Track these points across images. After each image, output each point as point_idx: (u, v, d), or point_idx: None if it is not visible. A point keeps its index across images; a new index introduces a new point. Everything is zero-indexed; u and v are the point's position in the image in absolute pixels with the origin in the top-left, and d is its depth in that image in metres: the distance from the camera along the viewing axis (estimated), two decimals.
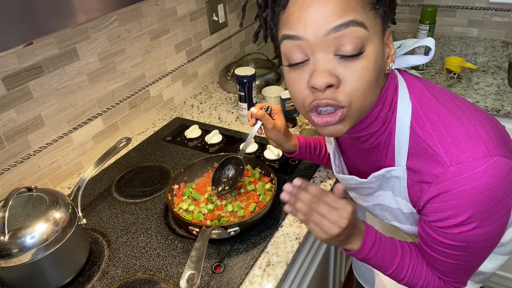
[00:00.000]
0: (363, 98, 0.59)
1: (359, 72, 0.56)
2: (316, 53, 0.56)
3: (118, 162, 1.19)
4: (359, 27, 0.55)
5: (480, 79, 1.50)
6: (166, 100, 1.45)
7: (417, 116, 0.64)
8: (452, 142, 0.60)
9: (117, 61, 1.21)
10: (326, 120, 0.60)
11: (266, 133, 0.92)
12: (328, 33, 0.55)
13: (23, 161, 1.02)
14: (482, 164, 0.58)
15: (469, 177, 0.58)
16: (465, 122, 0.62)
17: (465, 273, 0.71)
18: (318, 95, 0.58)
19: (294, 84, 0.61)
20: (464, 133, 0.61)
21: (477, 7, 1.80)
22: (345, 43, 0.55)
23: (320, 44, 0.55)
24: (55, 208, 0.79)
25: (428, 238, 0.68)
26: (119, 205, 1.03)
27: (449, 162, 0.60)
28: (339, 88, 0.57)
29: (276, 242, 0.89)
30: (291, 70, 0.60)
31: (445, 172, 0.60)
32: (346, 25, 0.54)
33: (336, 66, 0.56)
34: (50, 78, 1.03)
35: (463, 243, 0.63)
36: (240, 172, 0.97)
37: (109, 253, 0.90)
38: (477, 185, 0.57)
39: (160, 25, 1.34)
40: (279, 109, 0.94)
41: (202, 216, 0.92)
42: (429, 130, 0.63)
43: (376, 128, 0.67)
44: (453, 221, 0.61)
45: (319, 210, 0.64)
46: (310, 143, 0.99)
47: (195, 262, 0.76)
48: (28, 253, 0.74)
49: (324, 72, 0.56)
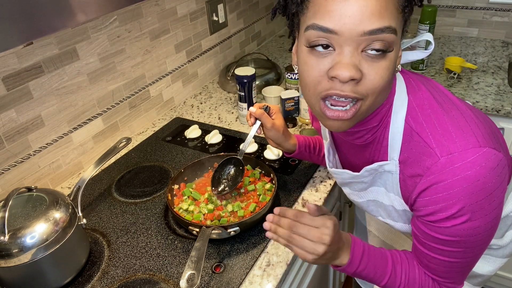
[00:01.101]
0: (378, 95, 0.60)
1: (382, 71, 0.57)
2: (345, 47, 0.56)
3: (118, 162, 1.19)
4: (392, 34, 0.55)
5: (480, 79, 1.50)
6: (166, 100, 1.45)
7: (412, 109, 0.65)
8: (443, 134, 0.61)
9: (117, 61, 1.21)
10: (337, 115, 0.60)
11: (265, 132, 0.92)
12: (364, 34, 0.54)
13: (23, 161, 1.02)
14: (472, 155, 0.58)
15: (459, 167, 0.58)
16: (456, 116, 0.63)
17: (460, 272, 0.70)
18: (338, 86, 0.57)
19: (310, 68, 0.59)
20: (455, 125, 0.62)
21: (477, 7, 1.80)
22: (376, 44, 0.55)
23: (352, 41, 0.55)
24: (55, 208, 0.79)
25: (421, 235, 0.68)
26: (119, 205, 1.03)
27: (439, 153, 0.60)
28: (360, 82, 0.57)
29: (276, 242, 0.89)
30: (311, 53, 0.59)
31: (436, 163, 0.60)
32: (382, 31, 0.54)
33: (362, 61, 0.56)
34: (50, 78, 1.03)
35: (456, 237, 0.63)
36: (239, 173, 0.97)
37: (109, 253, 0.90)
38: (468, 176, 0.58)
39: (160, 25, 1.34)
40: (278, 109, 0.94)
41: (202, 216, 0.92)
42: (422, 122, 0.64)
43: (374, 124, 0.68)
44: (444, 213, 0.61)
45: (299, 232, 0.65)
46: (309, 143, 0.98)
47: (195, 262, 0.76)
48: (28, 253, 0.74)
49: (350, 66, 0.55)
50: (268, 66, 1.68)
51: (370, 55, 0.56)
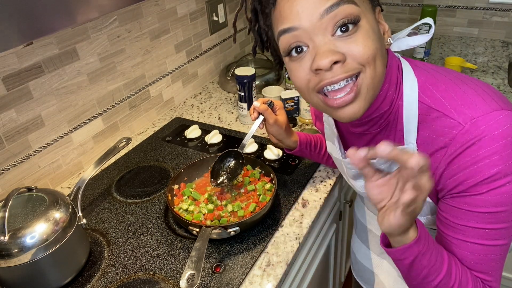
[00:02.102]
0: (374, 64, 0.58)
1: (362, 40, 0.57)
2: (315, 38, 0.57)
3: (118, 162, 1.19)
4: (350, 4, 0.56)
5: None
6: (166, 100, 1.45)
7: (424, 88, 0.65)
8: (463, 103, 0.60)
9: (117, 61, 1.21)
10: (340, 102, 0.59)
11: (268, 128, 0.92)
12: (321, 16, 0.56)
13: (23, 161, 1.02)
14: (496, 116, 0.58)
15: (485, 129, 0.57)
16: (471, 85, 0.63)
17: (495, 261, 0.62)
18: (327, 75, 0.58)
19: (295, 73, 0.62)
20: (474, 93, 0.61)
21: (477, 7, 1.80)
22: (340, 22, 0.56)
23: (316, 28, 0.57)
24: (55, 208, 0.79)
25: (453, 217, 0.62)
26: (119, 205, 1.03)
27: (463, 121, 0.59)
28: (346, 61, 0.57)
29: (276, 242, 0.89)
30: (292, 60, 0.61)
31: (461, 131, 0.59)
32: (337, 5, 0.56)
33: (338, 44, 0.57)
34: (50, 78, 1.03)
35: (495, 207, 0.58)
36: (239, 165, 0.97)
37: (109, 253, 0.90)
38: (495, 136, 0.57)
39: (160, 25, 1.34)
40: (281, 105, 0.94)
41: (202, 216, 0.92)
42: (438, 97, 0.63)
43: (385, 108, 0.67)
44: (477, 178, 0.57)
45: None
46: (310, 140, 0.99)
47: (195, 262, 0.75)
48: (28, 253, 0.74)
49: (326, 52, 0.56)
50: (268, 66, 1.68)
51: (341, 35, 0.57)
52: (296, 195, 1.01)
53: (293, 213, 0.96)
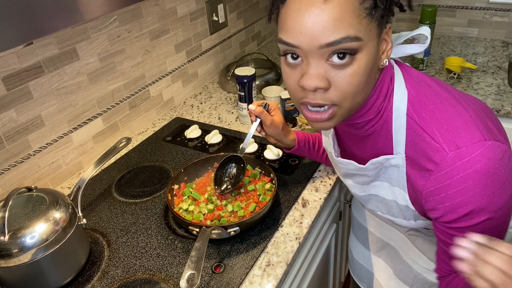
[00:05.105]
0: (352, 99, 0.61)
1: (349, 77, 0.58)
2: (310, 58, 0.58)
3: (118, 162, 1.19)
4: (353, 42, 0.56)
5: (480, 79, 1.50)
6: (166, 100, 1.45)
7: (414, 103, 0.65)
8: (448, 129, 0.61)
9: (117, 61, 1.21)
10: (315, 117, 0.63)
11: (265, 129, 0.93)
12: (321, 47, 0.56)
13: (23, 161, 1.02)
14: (479, 148, 0.59)
15: (469, 161, 0.58)
16: (459, 110, 0.63)
17: None
18: (309, 94, 0.60)
19: (287, 77, 0.64)
20: (459, 119, 0.62)
21: (477, 7, 1.80)
22: (339, 50, 0.56)
23: (313, 53, 0.57)
24: (55, 208, 0.79)
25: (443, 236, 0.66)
26: (119, 205, 1.03)
27: (447, 148, 0.60)
28: (329, 90, 0.59)
29: (276, 242, 0.89)
30: (286, 64, 0.63)
31: (445, 158, 0.60)
32: (339, 42, 0.55)
33: (328, 70, 0.58)
34: (50, 78, 1.03)
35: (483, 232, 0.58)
36: (241, 170, 0.97)
37: (109, 253, 0.90)
38: (478, 168, 0.58)
39: (160, 25, 1.34)
40: (276, 106, 0.95)
41: (202, 216, 0.92)
42: (426, 117, 0.64)
43: (371, 117, 0.68)
44: (461, 211, 0.60)
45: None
46: (309, 139, 0.99)
47: (195, 262, 0.76)
48: (28, 253, 0.74)
49: (314, 76, 0.58)
50: (268, 66, 1.68)
51: (335, 63, 0.57)
52: (296, 195, 1.01)
53: (293, 213, 0.96)
